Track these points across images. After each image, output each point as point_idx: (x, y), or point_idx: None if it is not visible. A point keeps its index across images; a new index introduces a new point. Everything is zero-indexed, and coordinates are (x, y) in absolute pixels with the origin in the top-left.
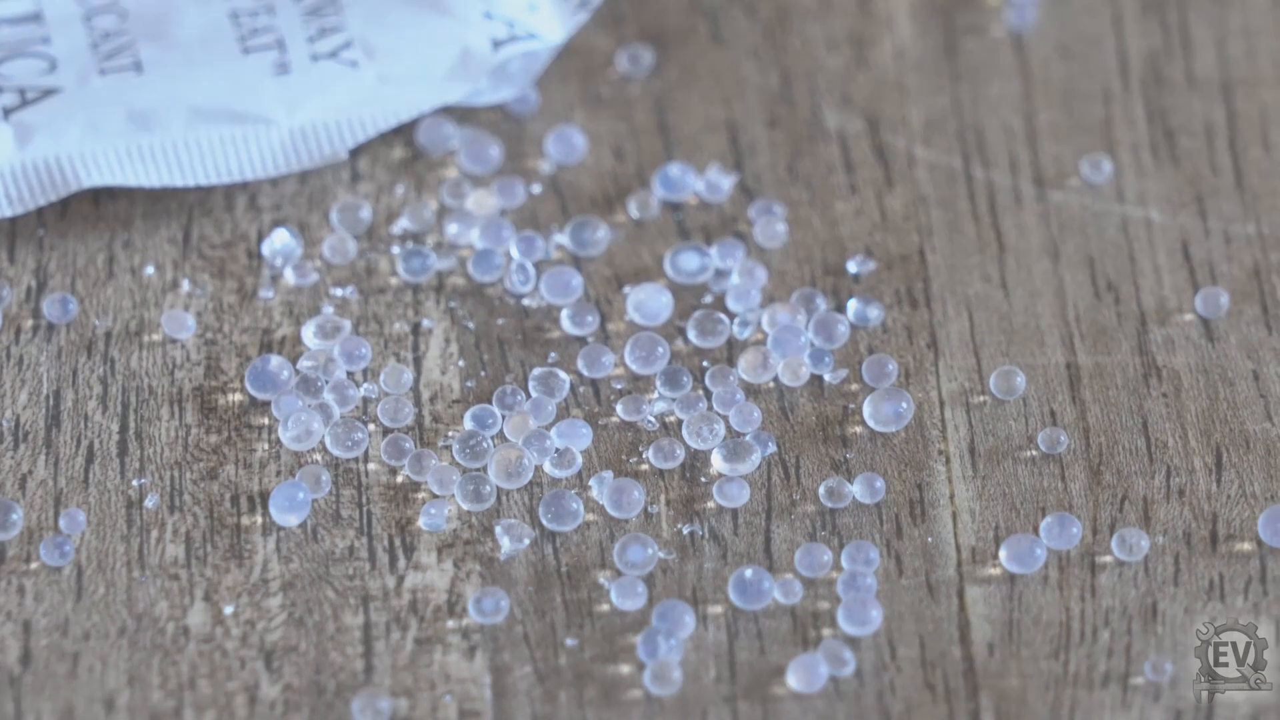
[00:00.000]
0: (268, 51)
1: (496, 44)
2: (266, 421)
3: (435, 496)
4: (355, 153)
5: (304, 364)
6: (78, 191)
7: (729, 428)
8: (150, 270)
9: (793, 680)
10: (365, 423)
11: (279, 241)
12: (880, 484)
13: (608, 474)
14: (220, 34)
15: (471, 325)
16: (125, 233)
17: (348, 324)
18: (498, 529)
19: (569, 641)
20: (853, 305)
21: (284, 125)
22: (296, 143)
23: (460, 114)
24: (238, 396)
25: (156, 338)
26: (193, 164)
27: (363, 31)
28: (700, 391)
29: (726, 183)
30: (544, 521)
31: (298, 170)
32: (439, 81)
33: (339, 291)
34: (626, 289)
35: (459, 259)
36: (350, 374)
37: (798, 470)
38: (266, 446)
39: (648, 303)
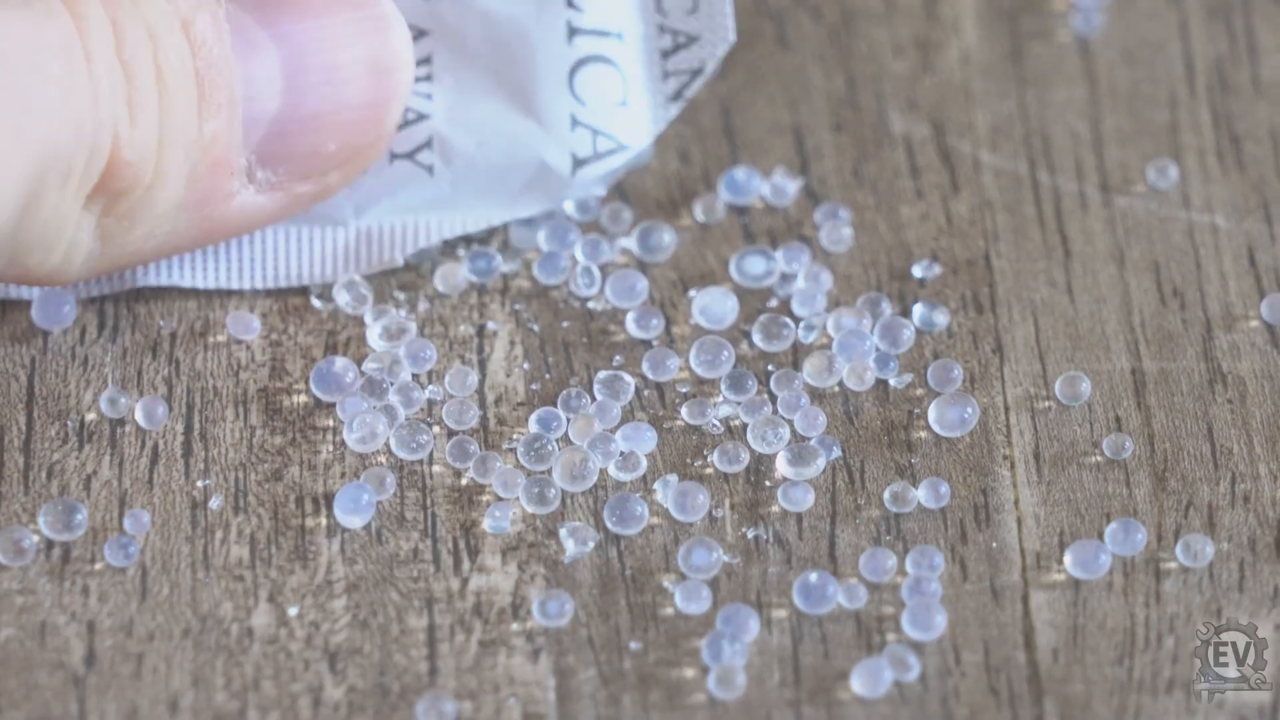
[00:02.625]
0: None
1: (577, 163)
2: (331, 423)
3: (500, 499)
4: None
5: (369, 366)
6: (131, 289)
7: (794, 432)
8: None
9: (857, 685)
10: (430, 425)
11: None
12: (945, 489)
13: (672, 477)
14: None
15: (536, 328)
16: None
17: (413, 326)
18: (562, 532)
19: (633, 645)
20: (918, 310)
21: (351, 227)
22: (360, 246)
23: None
24: (302, 398)
25: (221, 338)
26: (253, 263)
27: (444, 129)
28: (765, 395)
29: (792, 187)
30: (609, 525)
31: (351, 274)
32: (514, 195)
33: (402, 295)
34: (691, 292)
35: (524, 261)
36: (415, 376)
37: (862, 475)
38: (331, 448)
39: (713, 306)
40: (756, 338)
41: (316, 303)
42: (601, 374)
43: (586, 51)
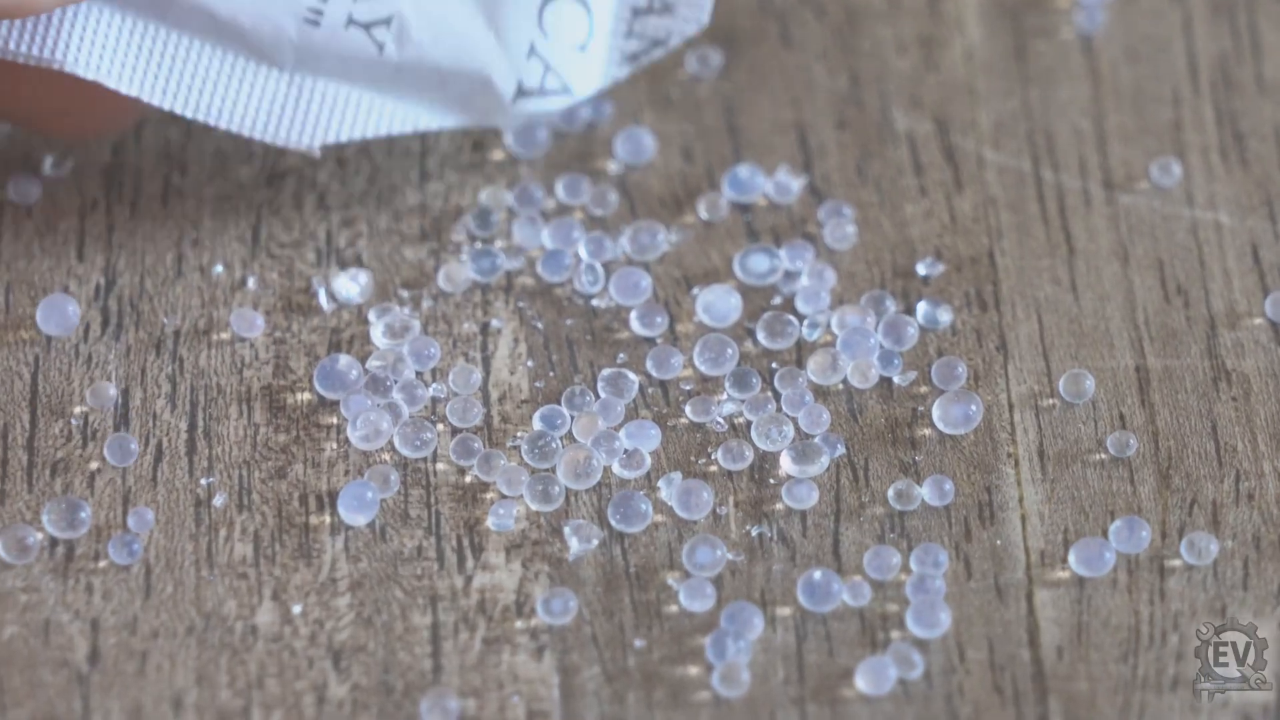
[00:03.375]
0: None
1: (521, 92)
2: (335, 421)
3: (504, 497)
4: (424, 153)
5: (373, 364)
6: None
7: (798, 429)
8: (219, 269)
9: (861, 683)
10: (434, 423)
11: (347, 291)
12: (949, 487)
13: (676, 475)
14: None
15: (540, 326)
16: (194, 231)
17: (417, 324)
18: (566, 529)
19: (637, 643)
20: (922, 308)
21: (288, 75)
22: (290, 101)
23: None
24: (306, 396)
25: (225, 336)
26: (182, 84)
27: (408, 11)
28: (769, 393)
29: (796, 184)
30: (613, 523)
31: (267, 142)
32: (448, 101)
33: (406, 293)
34: (695, 290)
35: (528, 259)
36: (419, 374)
37: (866, 472)
38: (335, 446)
39: (716, 304)
40: (760, 335)
41: (323, 302)
42: (605, 371)
43: None
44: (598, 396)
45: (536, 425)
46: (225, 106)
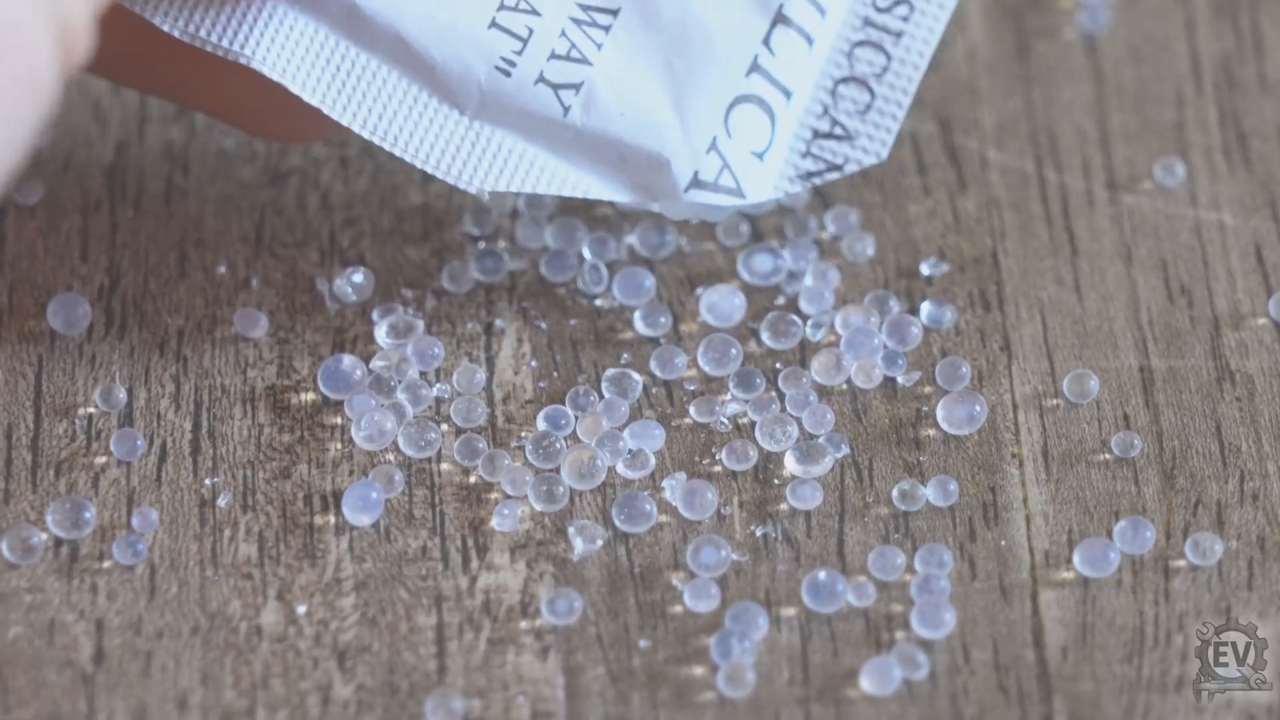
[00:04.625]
0: (508, 38)
1: (696, 182)
2: (339, 421)
3: (508, 497)
4: None
5: (377, 364)
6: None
7: (801, 430)
8: (222, 269)
9: (866, 683)
10: (438, 423)
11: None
12: (954, 487)
13: (681, 475)
14: None
15: (544, 326)
16: (197, 231)
17: (420, 324)
18: (570, 530)
19: (642, 643)
20: (926, 308)
21: (468, 119)
22: (466, 143)
23: None
24: (310, 396)
25: (229, 336)
26: (364, 106)
27: (599, 82)
28: (773, 393)
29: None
30: (617, 523)
31: (437, 177)
32: (624, 177)
33: (410, 293)
34: (699, 290)
35: (532, 259)
36: (423, 374)
37: (871, 473)
38: (339, 446)
39: (720, 304)
40: (764, 335)
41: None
42: (609, 371)
43: (757, 91)
44: (602, 397)
45: (540, 425)
46: (402, 135)
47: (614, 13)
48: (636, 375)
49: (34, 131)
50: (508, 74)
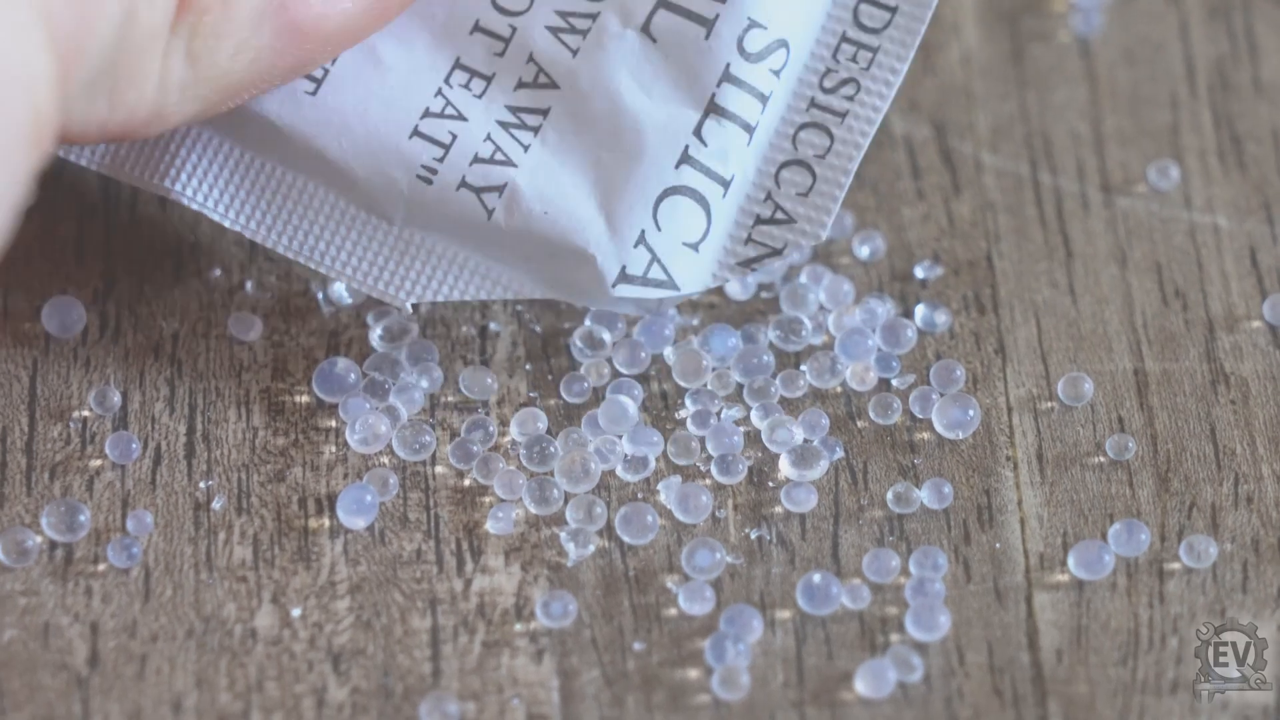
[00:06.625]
0: (430, 145)
1: (623, 277)
2: (334, 424)
3: (502, 500)
4: None
5: (370, 367)
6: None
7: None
8: (217, 272)
9: (861, 686)
10: (432, 426)
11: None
12: (948, 490)
13: (675, 479)
14: (410, 93)
15: (539, 329)
16: (192, 235)
17: (415, 327)
18: (562, 535)
19: (637, 645)
20: (920, 311)
21: (396, 229)
22: (396, 251)
23: None
24: (305, 399)
25: (223, 339)
26: (291, 226)
27: (523, 184)
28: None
29: None
30: (622, 536)
31: (362, 293)
32: (549, 274)
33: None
34: (698, 335)
35: None
36: (418, 376)
37: (865, 475)
38: (334, 449)
39: (714, 346)
40: (773, 335)
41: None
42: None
43: (688, 183)
44: (599, 400)
45: (535, 429)
46: (329, 252)
47: (544, 112)
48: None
49: (4, 223)
50: (430, 181)
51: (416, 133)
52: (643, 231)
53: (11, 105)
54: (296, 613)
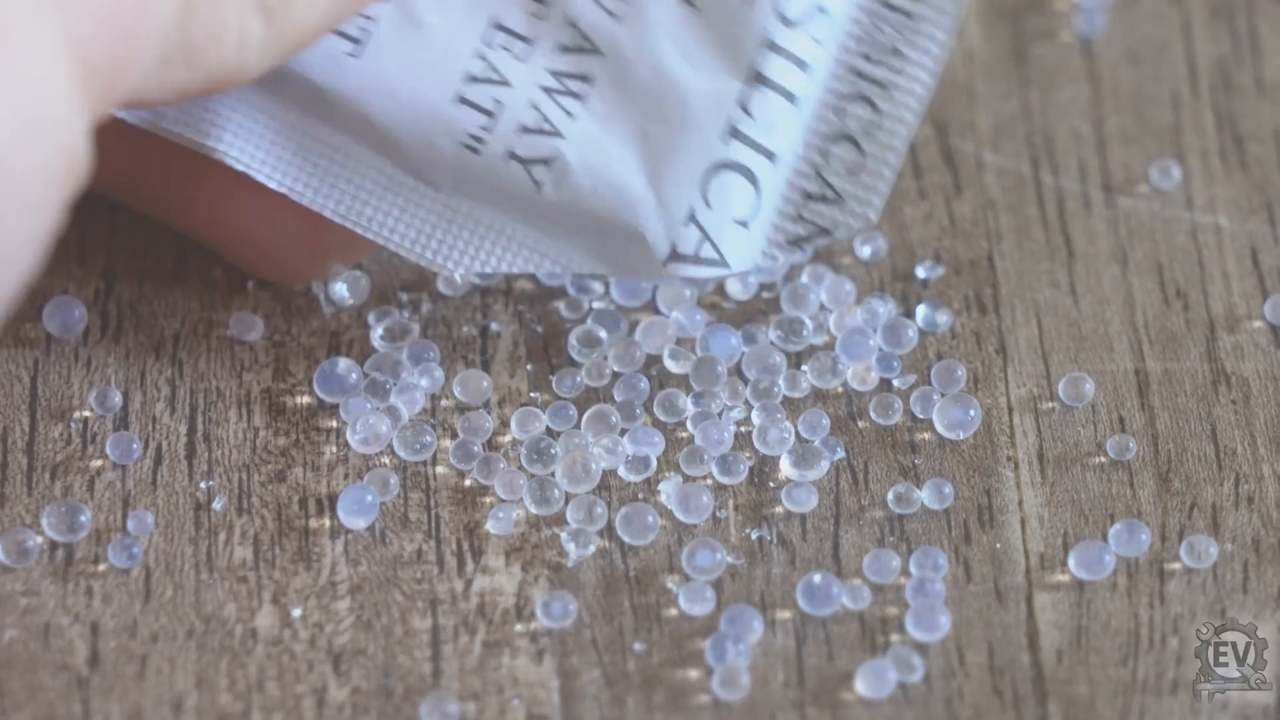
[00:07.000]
0: (476, 113)
1: (674, 255)
2: (335, 424)
3: (503, 500)
4: None
5: (371, 367)
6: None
7: (796, 433)
8: (218, 272)
9: (861, 686)
10: (433, 426)
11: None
12: (949, 490)
13: (676, 479)
14: (450, 56)
15: (540, 330)
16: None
17: (416, 327)
18: (563, 536)
19: (637, 646)
20: (921, 310)
21: (444, 196)
22: (442, 219)
23: None
24: (306, 399)
25: (224, 339)
26: (345, 195)
27: (571, 156)
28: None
29: None
30: (623, 536)
31: (412, 261)
32: (600, 250)
33: (406, 295)
34: (699, 332)
35: None
36: (419, 377)
37: (866, 476)
38: (334, 449)
39: (714, 347)
40: (773, 335)
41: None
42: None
43: (737, 158)
44: (599, 401)
45: (536, 429)
46: (376, 217)
47: (588, 79)
48: (644, 381)
49: (34, 257)
50: (476, 151)
51: (461, 98)
52: (692, 209)
53: (40, 149)
54: (297, 613)
